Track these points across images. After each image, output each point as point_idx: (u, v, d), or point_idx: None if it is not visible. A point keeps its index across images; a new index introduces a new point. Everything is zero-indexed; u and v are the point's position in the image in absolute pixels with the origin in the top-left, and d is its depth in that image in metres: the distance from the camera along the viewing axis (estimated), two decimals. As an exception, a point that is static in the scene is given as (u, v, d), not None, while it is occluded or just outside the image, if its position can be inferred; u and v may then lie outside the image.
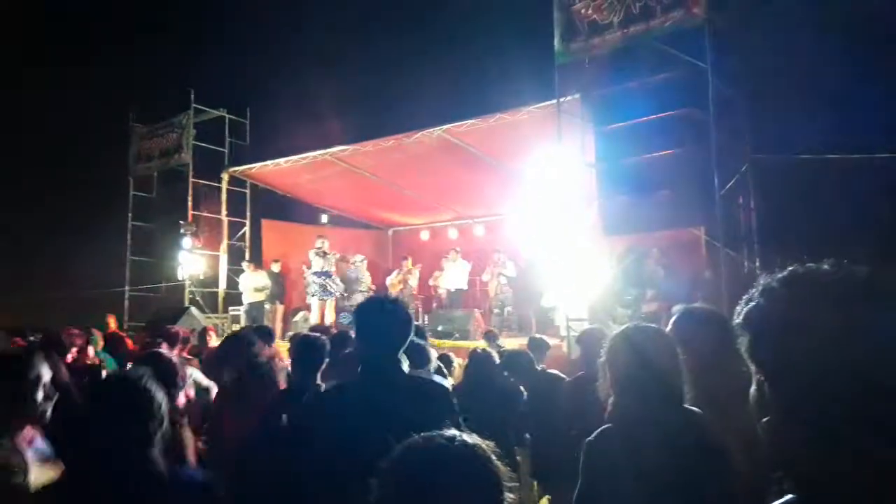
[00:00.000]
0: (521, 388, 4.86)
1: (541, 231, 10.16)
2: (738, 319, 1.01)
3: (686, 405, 2.19)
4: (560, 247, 9.26)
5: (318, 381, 3.45)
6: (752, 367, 1.01)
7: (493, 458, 1.18)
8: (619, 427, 2.19)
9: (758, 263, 7.23)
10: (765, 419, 1.00)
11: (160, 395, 2.03)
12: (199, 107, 15.50)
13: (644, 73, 9.00)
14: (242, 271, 14.21)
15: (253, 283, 13.49)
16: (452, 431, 1.21)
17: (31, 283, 18.32)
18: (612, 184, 9.00)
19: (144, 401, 1.99)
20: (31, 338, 7.67)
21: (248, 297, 13.55)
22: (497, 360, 5.01)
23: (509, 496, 1.16)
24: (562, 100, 9.21)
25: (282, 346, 6.90)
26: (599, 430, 2.25)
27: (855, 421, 0.89)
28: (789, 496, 0.97)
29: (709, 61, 7.79)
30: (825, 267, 0.98)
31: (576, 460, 2.25)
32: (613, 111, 9.00)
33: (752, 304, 1.00)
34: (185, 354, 5.99)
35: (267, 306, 13.61)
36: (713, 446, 2.06)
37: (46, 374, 2.38)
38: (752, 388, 1.02)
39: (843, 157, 7.03)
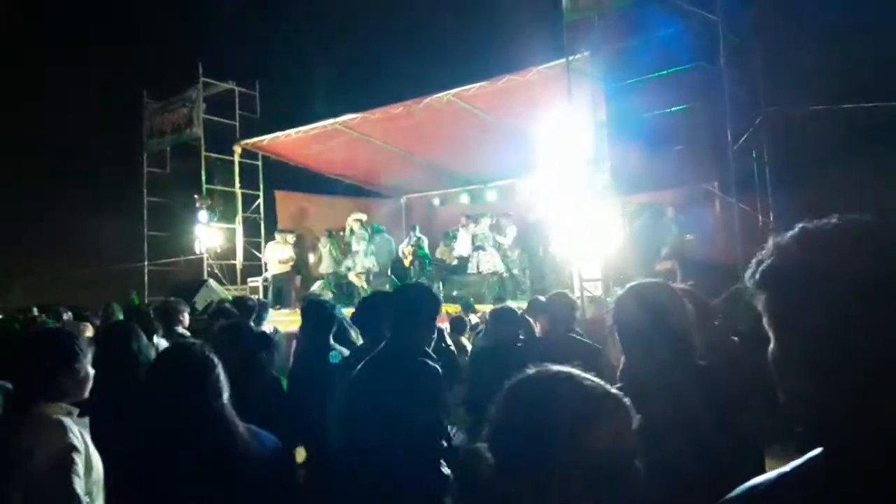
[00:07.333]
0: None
1: (553, 192, 10.08)
2: (754, 278, 1.00)
3: (699, 361, 2.16)
4: (573, 208, 9.20)
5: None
6: (769, 326, 0.99)
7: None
8: (628, 388, 2.18)
9: (772, 217, 7.16)
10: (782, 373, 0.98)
11: (220, 367, 2.06)
12: (208, 80, 15.39)
13: (654, 27, 8.81)
14: (259, 243, 14.27)
15: (278, 255, 13.47)
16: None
17: (52, 261, 18.61)
18: (623, 142, 8.86)
19: (207, 369, 2.01)
20: (65, 316, 7.67)
21: (273, 268, 13.54)
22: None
23: None
24: (571, 58, 9.06)
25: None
26: (610, 391, 2.25)
27: (876, 375, 0.87)
28: (817, 450, 0.96)
29: (720, 13, 7.63)
30: (836, 221, 0.96)
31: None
32: (624, 68, 8.82)
33: (766, 263, 0.99)
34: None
35: (297, 277, 13.73)
36: (726, 403, 2.02)
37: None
38: (771, 346, 1.00)
39: (858, 108, 6.89)
